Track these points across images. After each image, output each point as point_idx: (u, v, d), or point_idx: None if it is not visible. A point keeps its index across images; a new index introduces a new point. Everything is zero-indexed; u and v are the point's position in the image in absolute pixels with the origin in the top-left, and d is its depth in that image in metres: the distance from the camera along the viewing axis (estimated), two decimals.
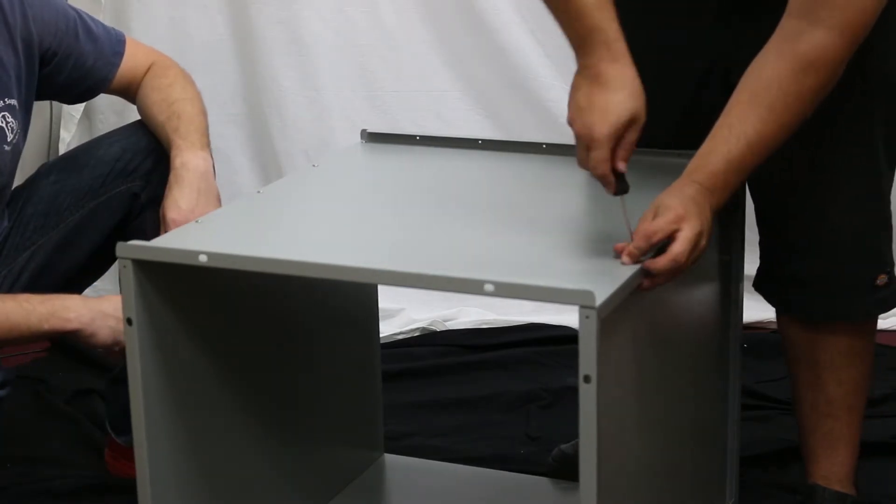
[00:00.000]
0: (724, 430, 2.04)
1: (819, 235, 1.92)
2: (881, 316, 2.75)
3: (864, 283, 1.93)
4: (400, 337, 2.92)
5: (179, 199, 1.98)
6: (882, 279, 1.93)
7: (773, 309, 2.08)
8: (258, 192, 1.92)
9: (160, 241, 1.71)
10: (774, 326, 2.81)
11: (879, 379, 2.50)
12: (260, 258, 1.57)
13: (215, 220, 1.79)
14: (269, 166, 3.05)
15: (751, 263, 2.12)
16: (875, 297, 1.94)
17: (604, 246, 1.64)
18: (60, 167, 2.17)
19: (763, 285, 2.04)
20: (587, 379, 1.43)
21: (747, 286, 2.30)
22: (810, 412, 2.02)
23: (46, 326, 1.89)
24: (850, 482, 2.04)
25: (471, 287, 1.48)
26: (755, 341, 2.72)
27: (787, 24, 1.66)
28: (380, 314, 2.21)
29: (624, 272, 1.51)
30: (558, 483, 2.13)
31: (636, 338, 1.61)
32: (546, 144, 2.08)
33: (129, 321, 1.62)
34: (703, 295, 1.92)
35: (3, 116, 2.02)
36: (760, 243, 2.02)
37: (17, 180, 2.16)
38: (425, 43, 3.00)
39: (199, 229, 1.73)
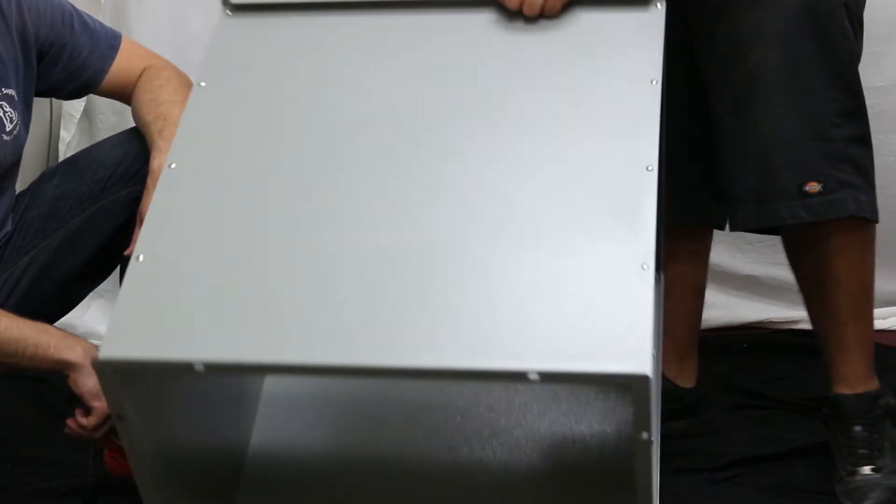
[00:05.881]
0: None
1: (747, 149, 2.02)
2: (881, 316, 2.77)
3: (791, 189, 2.00)
4: None
5: None
6: (812, 186, 2.00)
7: (773, 309, 2.12)
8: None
9: (145, 347, 1.51)
10: (774, 326, 2.83)
11: (879, 379, 2.49)
12: (262, 364, 1.49)
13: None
14: None
15: (755, 264, 2.13)
16: (805, 203, 2.01)
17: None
18: (63, 171, 2.17)
19: (730, 218, 2.13)
20: (643, 436, 1.41)
21: (747, 286, 2.30)
22: (822, 325, 2.12)
23: (53, 350, 1.89)
24: (870, 377, 2.12)
25: (510, 377, 1.44)
26: (755, 341, 2.72)
27: None
28: None
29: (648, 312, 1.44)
30: None
31: None
32: None
33: (119, 417, 1.52)
34: None
35: (1, 106, 2.03)
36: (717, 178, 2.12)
37: (19, 184, 2.17)
38: None
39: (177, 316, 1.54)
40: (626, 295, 1.44)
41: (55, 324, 2.11)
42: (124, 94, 2.16)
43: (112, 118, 2.95)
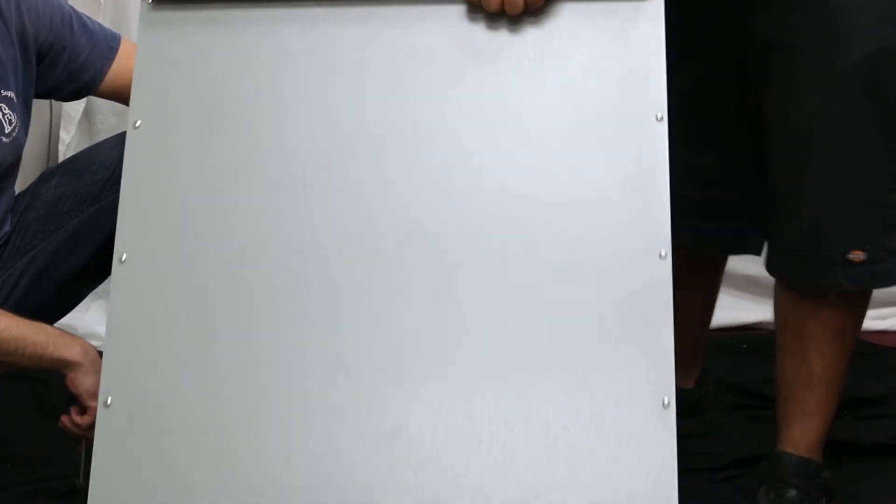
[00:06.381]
0: None
1: (794, 203, 1.96)
2: (881, 316, 2.77)
3: (836, 257, 1.96)
4: None
5: None
6: (857, 255, 1.95)
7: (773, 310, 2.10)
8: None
9: None
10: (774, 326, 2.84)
11: (879, 379, 2.50)
12: None
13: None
14: None
15: (755, 264, 2.12)
16: (847, 271, 1.96)
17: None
18: (62, 172, 2.17)
19: (768, 260, 2.09)
20: None
21: (747, 286, 2.30)
22: (791, 381, 2.05)
23: (52, 349, 1.90)
24: (817, 451, 2.06)
25: None
26: (755, 341, 2.72)
27: None
28: None
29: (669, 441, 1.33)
30: None
31: None
32: None
33: None
34: None
35: (0, 108, 2.03)
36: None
37: (19, 184, 2.17)
38: None
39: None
40: (647, 445, 1.32)
41: (55, 324, 2.11)
42: (123, 96, 2.16)
43: (112, 119, 2.95)
